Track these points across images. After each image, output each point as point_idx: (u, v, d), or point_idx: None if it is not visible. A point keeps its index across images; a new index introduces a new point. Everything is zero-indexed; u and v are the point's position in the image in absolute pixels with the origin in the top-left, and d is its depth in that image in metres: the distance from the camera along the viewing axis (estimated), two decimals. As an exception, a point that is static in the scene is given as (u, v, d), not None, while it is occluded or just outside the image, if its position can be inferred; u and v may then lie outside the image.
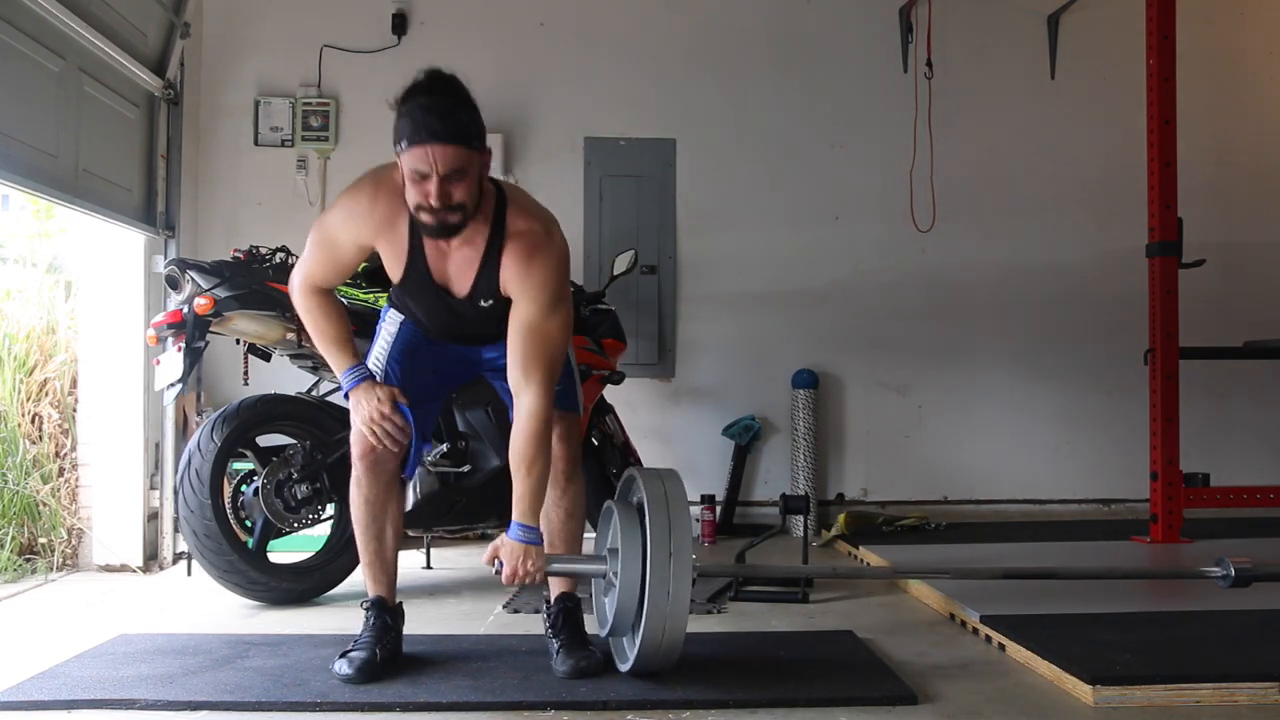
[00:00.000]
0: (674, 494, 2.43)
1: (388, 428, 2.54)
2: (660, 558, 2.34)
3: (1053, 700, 2.41)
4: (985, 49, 5.54)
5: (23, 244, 5.51)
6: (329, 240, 2.54)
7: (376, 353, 2.70)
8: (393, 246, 2.50)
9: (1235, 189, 5.57)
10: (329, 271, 2.58)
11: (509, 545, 2.44)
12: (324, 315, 2.59)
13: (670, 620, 2.35)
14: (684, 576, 2.34)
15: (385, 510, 2.68)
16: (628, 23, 5.39)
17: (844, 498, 5.36)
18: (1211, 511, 4.70)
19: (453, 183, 2.32)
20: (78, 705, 2.36)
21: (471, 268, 2.49)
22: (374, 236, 2.50)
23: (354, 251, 2.54)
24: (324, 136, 5.16)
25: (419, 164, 2.30)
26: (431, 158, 2.29)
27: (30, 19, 3.58)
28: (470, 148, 2.32)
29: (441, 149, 2.28)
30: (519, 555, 2.43)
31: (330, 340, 2.58)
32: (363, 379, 2.58)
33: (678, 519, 2.38)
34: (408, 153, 2.31)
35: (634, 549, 2.41)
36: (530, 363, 2.45)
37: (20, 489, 4.26)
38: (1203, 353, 4.64)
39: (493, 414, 3.71)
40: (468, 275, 2.51)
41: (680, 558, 2.34)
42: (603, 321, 4.22)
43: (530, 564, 2.43)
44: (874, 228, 5.43)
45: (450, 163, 2.29)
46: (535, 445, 2.44)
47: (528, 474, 2.44)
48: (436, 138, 2.27)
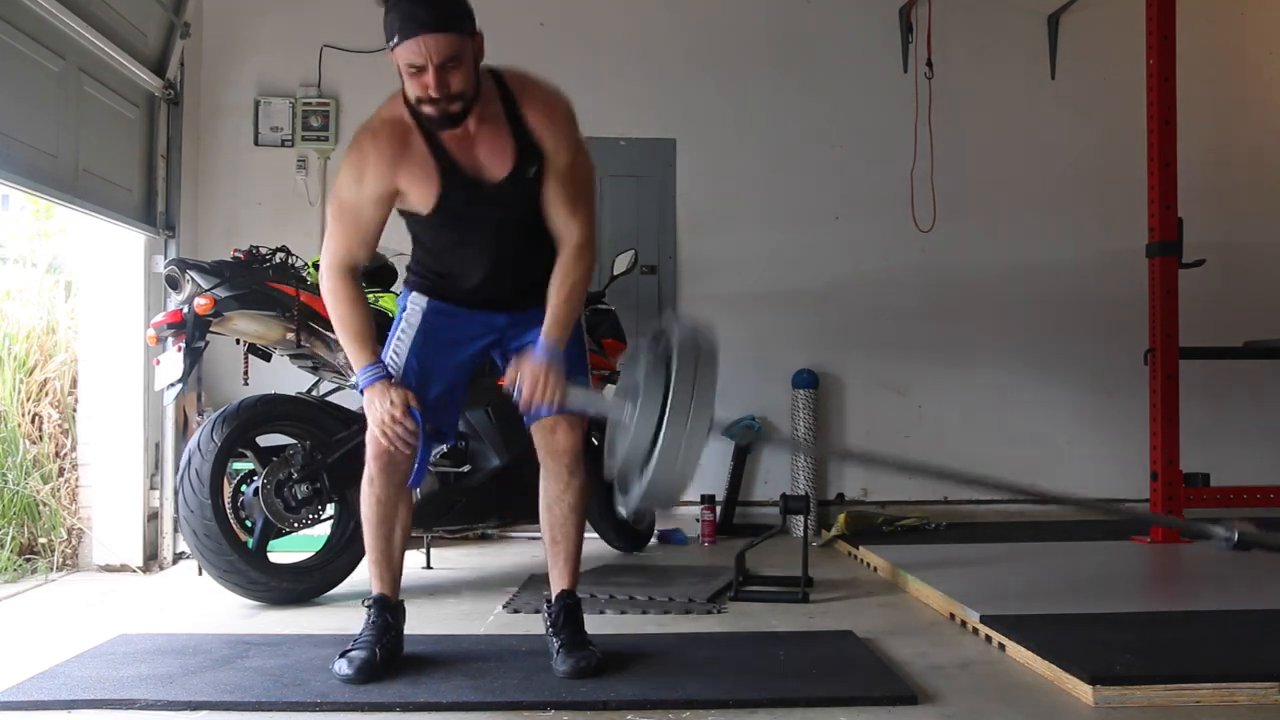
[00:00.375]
0: (704, 343, 2.30)
1: (400, 431, 2.50)
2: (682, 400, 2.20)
3: (1053, 700, 2.41)
4: (985, 49, 5.54)
5: (23, 244, 5.51)
6: (347, 205, 2.49)
7: (395, 345, 2.65)
8: (414, 169, 2.46)
9: (1235, 189, 5.57)
10: (354, 239, 2.51)
11: (530, 363, 2.41)
12: (349, 304, 2.52)
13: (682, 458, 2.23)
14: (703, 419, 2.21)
15: (396, 510, 2.67)
16: (628, 23, 5.39)
17: (844, 498, 5.37)
18: (1212, 511, 4.68)
19: (449, 71, 2.31)
20: (78, 705, 2.36)
21: (504, 140, 2.49)
22: (392, 173, 2.45)
23: (377, 202, 2.47)
24: (324, 136, 5.16)
25: (413, 57, 2.29)
26: (424, 49, 2.27)
27: (30, 19, 3.58)
28: (461, 33, 2.31)
29: (433, 39, 2.27)
30: (540, 374, 2.40)
31: (352, 332, 2.52)
32: (378, 378, 2.51)
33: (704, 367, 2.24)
34: (400, 47, 2.30)
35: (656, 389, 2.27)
36: (576, 199, 2.54)
37: (20, 489, 4.26)
38: (1203, 353, 4.64)
39: (493, 414, 3.71)
40: (503, 150, 2.49)
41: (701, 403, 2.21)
42: (603, 321, 4.23)
43: (552, 380, 2.41)
44: (874, 228, 5.43)
45: (443, 51, 2.28)
46: (582, 269, 2.53)
47: (567, 297, 2.50)
48: (425, 28, 2.26)
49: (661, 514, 4.78)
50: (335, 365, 3.69)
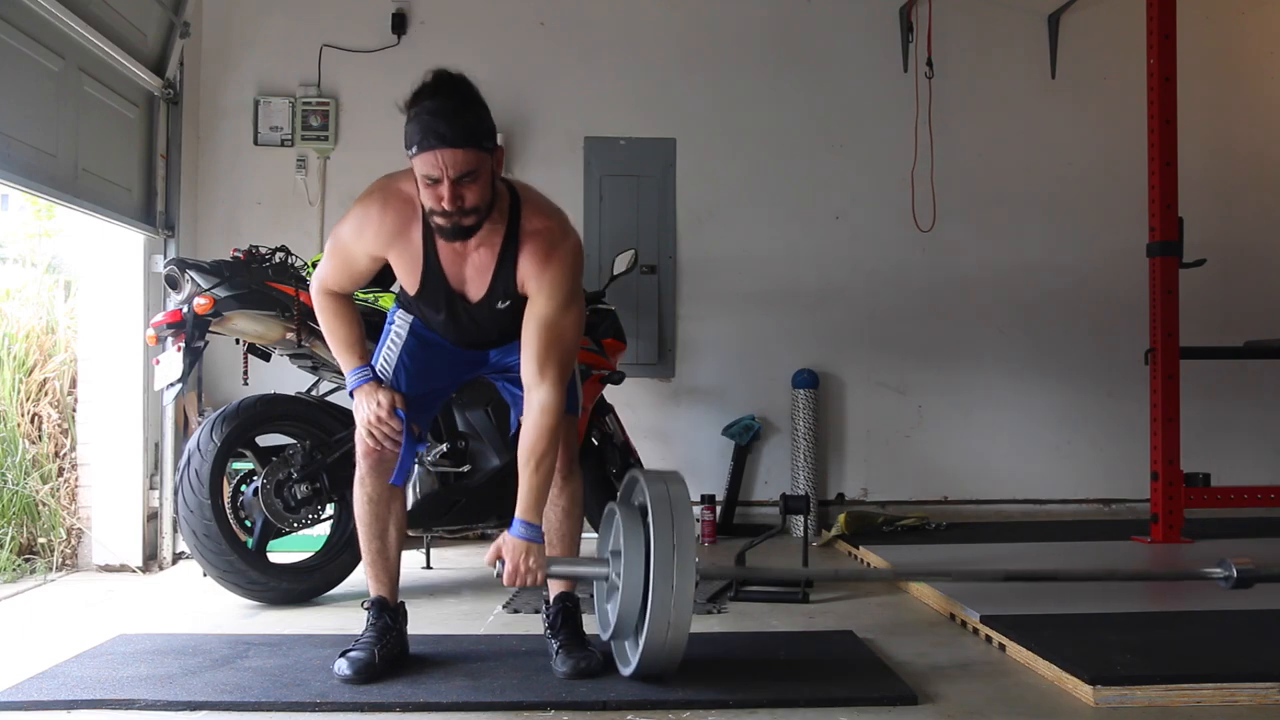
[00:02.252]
0: (677, 496, 2.42)
1: (385, 430, 2.57)
2: (664, 561, 2.32)
3: (1053, 700, 2.41)
4: (985, 49, 5.54)
5: (23, 244, 5.51)
6: (343, 250, 2.56)
7: (385, 355, 2.70)
8: (406, 256, 2.51)
9: (1235, 189, 5.57)
10: (343, 279, 2.61)
11: (511, 543, 2.44)
12: (337, 317, 2.63)
13: (674, 624, 2.34)
14: (687, 579, 2.33)
15: (389, 509, 2.68)
16: (628, 23, 5.38)
17: (844, 498, 5.36)
18: (1212, 511, 4.70)
19: (464, 185, 2.31)
20: (77, 705, 2.36)
21: (488, 268, 2.50)
22: (386, 248, 2.51)
23: (367, 262, 2.56)
24: (324, 136, 5.16)
25: (429, 169, 2.30)
26: (441, 162, 2.28)
27: (30, 19, 3.58)
28: (480, 149, 2.32)
29: (450, 153, 2.28)
30: (521, 553, 2.43)
31: (340, 341, 2.63)
32: (366, 380, 2.60)
33: (681, 522, 2.37)
34: (417, 158, 2.31)
35: (637, 552, 2.40)
36: (545, 359, 2.47)
37: (20, 489, 4.26)
38: (1203, 353, 4.64)
39: (492, 414, 3.71)
40: (484, 277, 2.51)
41: (684, 561, 2.33)
42: (603, 321, 4.22)
43: (532, 562, 2.42)
44: (874, 228, 5.43)
45: (460, 166, 2.29)
46: (547, 441, 2.45)
47: (535, 470, 2.45)
48: (445, 142, 2.27)
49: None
50: (335, 365, 3.68)
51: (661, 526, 2.35)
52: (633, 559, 2.40)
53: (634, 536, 2.42)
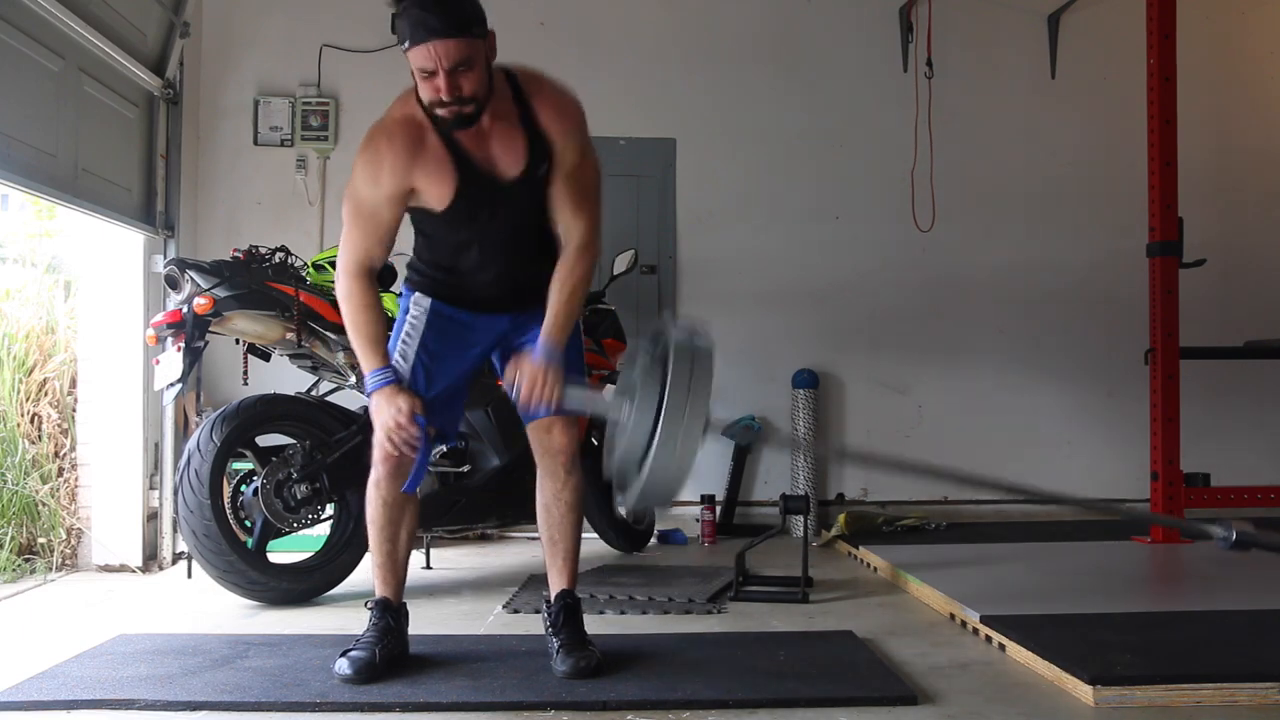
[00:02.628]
0: (699, 344, 2.33)
1: (405, 437, 2.51)
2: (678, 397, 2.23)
3: (1053, 700, 2.40)
4: (985, 49, 5.54)
5: (23, 244, 5.51)
6: (363, 205, 2.49)
7: (401, 347, 2.64)
8: (430, 167, 2.45)
9: (1235, 189, 5.57)
10: (373, 239, 2.51)
11: (529, 363, 2.43)
12: (364, 309, 2.52)
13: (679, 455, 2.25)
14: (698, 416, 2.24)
15: (403, 513, 2.67)
16: (628, 23, 5.38)
17: (844, 498, 5.36)
18: (1212, 511, 4.68)
19: (460, 74, 2.31)
20: (77, 705, 2.35)
21: (517, 138, 2.49)
22: (407, 172, 2.44)
23: (394, 201, 2.47)
24: (323, 136, 5.16)
25: (424, 62, 2.30)
26: (435, 54, 2.28)
27: (30, 19, 3.58)
28: (472, 36, 2.32)
29: (443, 44, 2.28)
30: (539, 374, 2.42)
31: (364, 337, 2.52)
32: (387, 383, 2.51)
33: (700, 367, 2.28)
34: (411, 51, 2.31)
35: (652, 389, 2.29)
36: (580, 199, 2.54)
37: (19, 489, 4.26)
38: (1203, 353, 4.64)
39: (492, 414, 3.71)
40: (516, 147, 2.49)
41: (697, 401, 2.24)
42: (603, 321, 4.22)
43: (550, 380, 2.42)
44: (874, 228, 5.43)
45: (454, 55, 2.29)
46: (581, 273, 2.53)
47: (568, 299, 2.51)
48: (436, 34, 2.27)
49: (660, 513, 4.78)
50: (334, 365, 3.69)
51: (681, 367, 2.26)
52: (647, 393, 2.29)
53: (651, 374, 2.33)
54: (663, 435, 2.24)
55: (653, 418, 2.27)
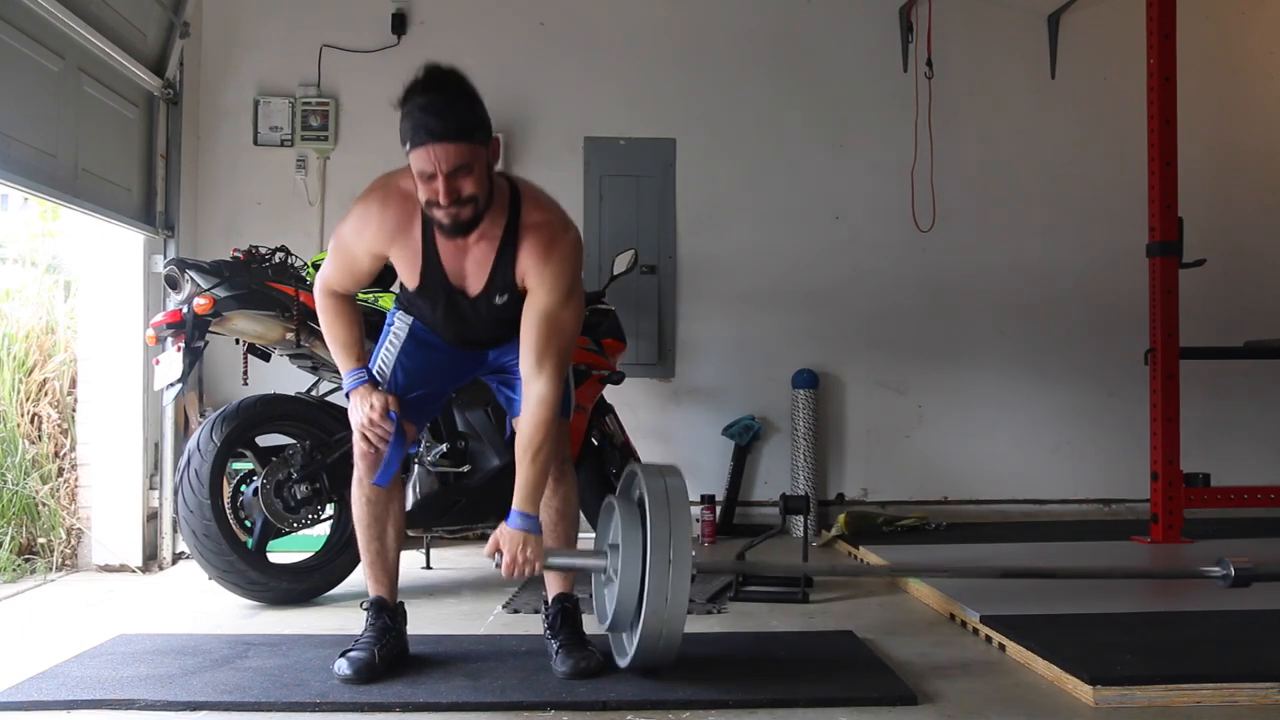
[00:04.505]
0: (674, 489, 2.43)
1: (378, 432, 2.58)
2: (660, 556, 2.34)
3: (1053, 700, 2.41)
4: (985, 49, 5.54)
5: (23, 244, 5.51)
6: (345, 247, 2.57)
7: (383, 356, 2.72)
8: (406, 252, 2.52)
9: (1235, 189, 5.57)
10: (346, 279, 2.62)
11: (508, 534, 2.45)
12: (338, 317, 2.64)
13: (669, 618, 2.35)
14: (683, 574, 2.34)
15: (387, 510, 2.68)
16: (627, 23, 5.38)
17: (844, 498, 5.36)
18: (1212, 511, 4.70)
19: (459, 178, 2.32)
20: (77, 705, 2.36)
21: (487, 262, 2.51)
22: (387, 245, 2.52)
23: (369, 261, 2.57)
24: (323, 136, 5.16)
25: (423, 164, 2.31)
26: (434, 157, 2.29)
27: (30, 19, 3.58)
28: (473, 142, 2.32)
29: (442, 148, 2.28)
30: (518, 544, 2.43)
31: (339, 342, 2.65)
32: (361, 383, 2.61)
33: (678, 516, 2.37)
34: (411, 154, 2.32)
35: (634, 545, 2.41)
36: (544, 351, 2.48)
37: (20, 489, 4.26)
38: (1203, 353, 4.64)
39: (492, 414, 3.71)
40: (484, 270, 2.52)
41: (680, 555, 2.34)
42: (603, 321, 4.22)
43: (529, 553, 2.43)
44: (874, 228, 5.42)
45: (453, 160, 2.30)
46: (544, 432, 2.47)
47: (533, 461, 2.46)
48: (435, 137, 2.28)
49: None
50: (334, 365, 3.68)
51: (658, 520, 2.36)
52: (630, 552, 2.40)
53: (631, 530, 2.43)
54: (652, 589, 2.33)
55: (639, 574, 2.38)
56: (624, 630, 2.54)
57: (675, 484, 2.44)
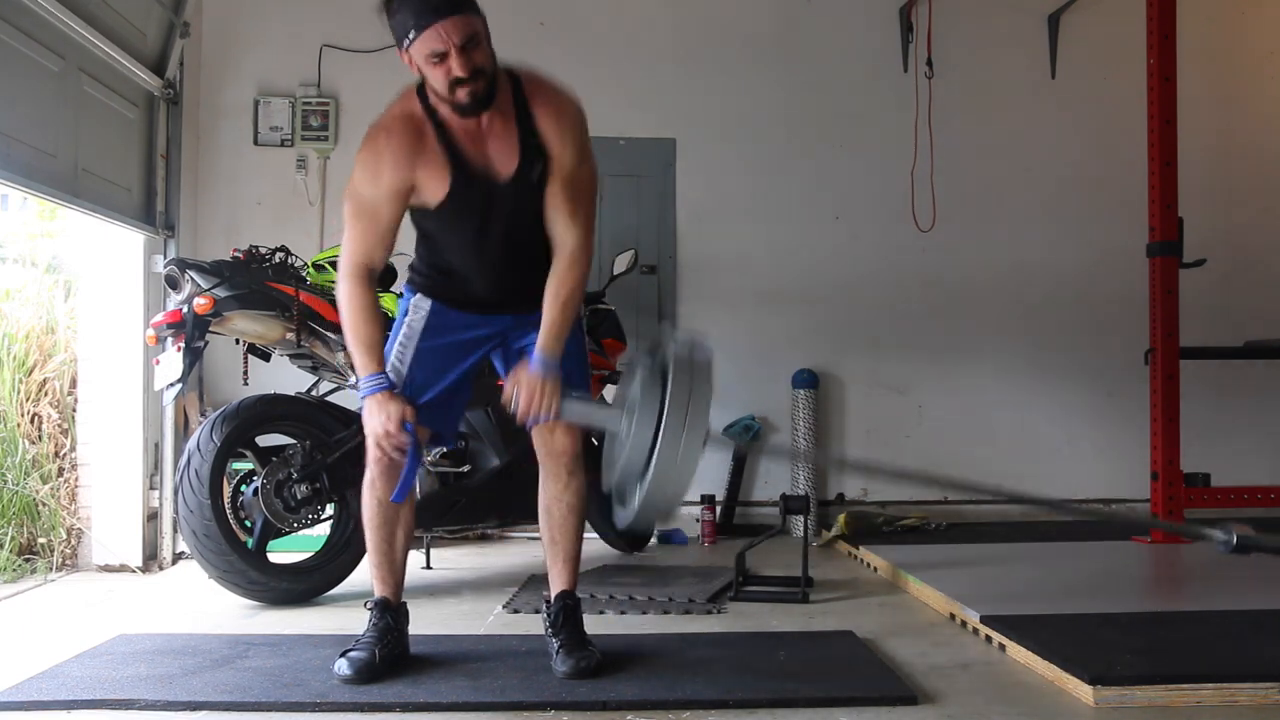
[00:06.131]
0: (700, 357, 2.35)
1: (394, 444, 2.52)
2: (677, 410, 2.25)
3: (1053, 700, 2.40)
4: (985, 49, 5.54)
5: (23, 244, 5.51)
6: (364, 203, 2.50)
7: (397, 351, 2.65)
8: (429, 165, 2.47)
9: (1235, 189, 5.57)
10: (374, 238, 2.51)
11: (526, 376, 2.43)
12: (363, 313, 2.52)
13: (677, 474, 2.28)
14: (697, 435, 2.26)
15: (398, 512, 2.67)
16: (628, 23, 5.38)
17: (844, 498, 5.36)
18: (1212, 511, 4.68)
19: (471, 50, 2.33)
20: (77, 705, 2.35)
21: (511, 137, 2.50)
22: (408, 167, 2.46)
23: (394, 199, 2.49)
24: (324, 136, 5.16)
25: (434, 44, 2.30)
26: (444, 34, 2.29)
27: (30, 19, 3.58)
28: (475, 13, 2.35)
29: (451, 22, 2.29)
30: (536, 387, 2.42)
31: (360, 342, 2.52)
32: (379, 389, 2.51)
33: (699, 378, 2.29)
34: (420, 39, 2.31)
35: (651, 404, 2.31)
36: (574, 205, 2.53)
37: (20, 489, 4.26)
38: (1203, 353, 4.64)
39: (493, 414, 3.71)
40: (511, 147, 2.50)
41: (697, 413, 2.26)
42: (603, 321, 4.22)
43: (549, 393, 2.43)
44: (874, 228, 5.43)
45: (464, 32, 2.31)
46: (576, 278, 2.52)
47: (563, 307, 2.50)
48: (442, 14, 2.29)
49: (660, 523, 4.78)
50: (335, 365, 3.69)
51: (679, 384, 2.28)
52: (647, 405, 2.31)
53: (651, 385, 2.34)
54: (663, 449, 2.25)
55: (652, 432, 2.29)
56: (630, 484, 2.42)
57: (701, 352, 2.36)
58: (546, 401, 2.43)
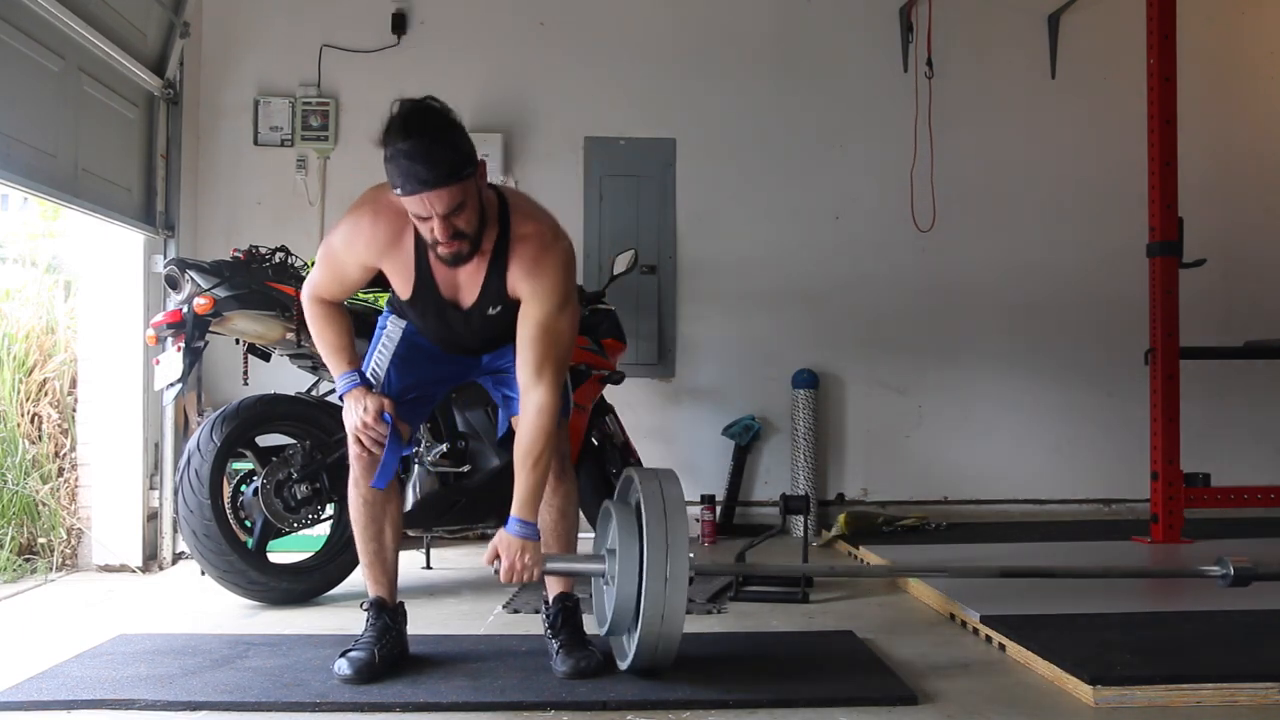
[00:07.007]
0: (670, 495, 2.43)
1: (372, 435, 2.58)
2: (657, 560, 2.34)
3: (1053, 700, 2.41)
4: (985, 49, 5.54)
5: (23, 244, 5.51)
6: (334, 260, 2.57)
7: (376, 359, 2.71)
8: (398, 265, 2.52)
9: (1235, 189, 5.57)
10: (335, 288, 2.62)
11: (507, 540, 2.45)
12: (326, 323, 2.63)
13: (666, 625, 2.36)
14: (680, 578, 2.35)
15: (384, 510, 2.68)
16: (628, 23, 5.38)
17: (844, 498, 5.36)
18: (1212, 511, 4.70)
19: (454, 217, 2.32)
20: (77, 705, 2.36)
21: (480, 275, 2.50)
22: (378, 258, 2.52)
23: (359, 272, 2.57)
24: (323, 136, 5.16)
25: (417, 209, 2.31)
26: (428, 204, 2.28)
27: (30, 19, 3.58)
28: (463, 180, 2.29)
29: (435, 194, 2.27)
30: (516, 550, 2.44)
31: (329, 346, 2.63)
32: (354, 385, 2.60)
33: (674, 521, 2.38)
34: (403, 199, 2.31)
35: (631, 550, 2.41)
36: (542, 361, 2.47)
37: (20, 489, 4.26)
38: (1203, 353, 4.64)
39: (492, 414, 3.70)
40: (476, 283, 2.51)
41: (676, 560, 2.34)
42: (603, 321, 4.22)
43: (528, 559, 2.44)
44: (874, 228, 5.42)
45: (447, 203, 2.29)
46: (543, 441, 2.46)
47: (532, 469, 2.46)
48: (427, 185, 2.25)
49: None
50: (335, 365, 3.68)
51: (655, 524, 2.36)
52: (627, 561, 2.41)
53: (628, 535, 2.43)
54: (649, 600, 2.34)
55: (636, 579, 2.38)
56: (623, 633, 2.54)
57: (671, 489, 2.45)
58: (527, 565, 2.45)
